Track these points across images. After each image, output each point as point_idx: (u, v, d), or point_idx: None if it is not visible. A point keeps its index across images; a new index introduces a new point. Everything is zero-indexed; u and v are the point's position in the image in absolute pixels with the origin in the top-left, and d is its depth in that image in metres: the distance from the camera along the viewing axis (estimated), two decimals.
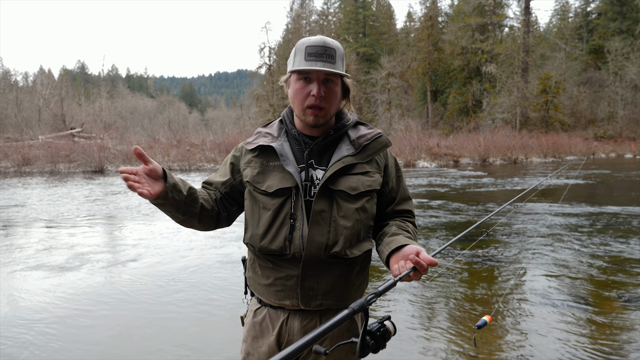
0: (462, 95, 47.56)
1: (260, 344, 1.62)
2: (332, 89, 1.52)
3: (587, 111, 44.66)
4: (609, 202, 10.69)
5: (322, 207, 1.50)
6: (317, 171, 1.56)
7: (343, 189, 1.52)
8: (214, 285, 5.00)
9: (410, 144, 26.49)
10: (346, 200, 1.52)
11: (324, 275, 1.52)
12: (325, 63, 1.48)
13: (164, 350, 3.48)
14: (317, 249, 1.48)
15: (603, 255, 6.08)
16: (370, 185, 1.56)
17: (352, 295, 1.59)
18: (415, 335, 3.71)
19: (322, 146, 1.59)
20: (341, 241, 1.50)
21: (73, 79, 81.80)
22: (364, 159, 1.57)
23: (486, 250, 6.38)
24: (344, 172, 1.54)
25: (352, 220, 1.52)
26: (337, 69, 1.50)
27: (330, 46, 1.49)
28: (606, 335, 3.67)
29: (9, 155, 22.81)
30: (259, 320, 1.62)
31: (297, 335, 1.56)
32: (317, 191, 1.51)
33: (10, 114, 41.17)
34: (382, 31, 56.39)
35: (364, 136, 1.60)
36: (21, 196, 12.41)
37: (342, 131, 1.61)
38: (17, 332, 3.80)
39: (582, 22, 54.11)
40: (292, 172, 1.51)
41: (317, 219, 1.50)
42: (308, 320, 1.56)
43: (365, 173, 1.56)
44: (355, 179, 1.54)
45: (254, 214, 1.58)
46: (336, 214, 1.51)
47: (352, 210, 1.52)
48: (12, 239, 7.30)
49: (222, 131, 34.33)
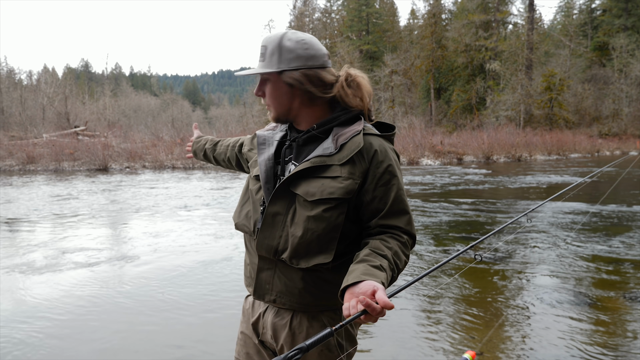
0: (466, 92, 47.40)
1: (243, 329, 1.66)
2: (269, 88, 1.49)
3: (592, 108, 44.44)
4: (615, 201, 10.65)
5: (277, 210, 1.42)
6: (293, 167, 1.48)
7: (300, 193, 1.39)
8: (219, 281, 5.01)
9: (413, 142, 26.43)
10: (302, 206, 1.38)
11: (281, 273, 1.46)
12: (260, 63, 1.48)
13: (168, 348, 3.48)
14: (267, 251, 1.45)
15: (605, 253, 6.05)
16: (333, 193, 1.35)
17: (319, 302, 1.46)
18: (418, 335, 3.71)
19: (303, 141, 1.49)
20: (289, 249, 1.39)
21: (77, 77, 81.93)
22: (340, 161, 1.39)
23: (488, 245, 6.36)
24: (312, 173, 1.40)
25: (302, 228, 1.37)
26: (265, 67, 1.45)
27: (264, 43, 1.46)
28: (611, 335, 3.65)
29: (13, 154, 22.88)
30: (246, 307, 1.66)
31: (269, 329, 1.54)
32: (275, 191, 1.43)
33: (14, 113, 41.30)
34: (385, 29, 56.26)
35: (344, 134, 1.42)
36: (25, 194, 12.46)
37: (329, 127, 1.47)
38: (19, 330, 3.81)
39: (586, 18, 53.82)
40: (259, 160, 1.53)
41: (269, 221, 1.43)
42: (279, 318, 1.51)
43: (335, 178, 1.37)
44: (318, 183, 1.37)
45: (244, 195, 1.63)
46: (290, 220, 1.40)
47: (304, 218, 1.37)
48: (16, 237, 7.33)
49: (225, 129, 34.32)
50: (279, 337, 1.51)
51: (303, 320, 1.48)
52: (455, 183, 14.72)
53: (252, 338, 1.61)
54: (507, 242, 6.65)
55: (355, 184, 1.37)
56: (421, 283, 4.90)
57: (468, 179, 15.90)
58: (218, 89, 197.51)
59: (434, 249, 6.39)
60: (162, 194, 12.31)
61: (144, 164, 21.91)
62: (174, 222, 8.44)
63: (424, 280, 4.96)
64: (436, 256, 6.02)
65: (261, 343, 1.60)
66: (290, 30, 1.49)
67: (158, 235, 7.29)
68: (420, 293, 4.65)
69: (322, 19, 57.09)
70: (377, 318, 1.13)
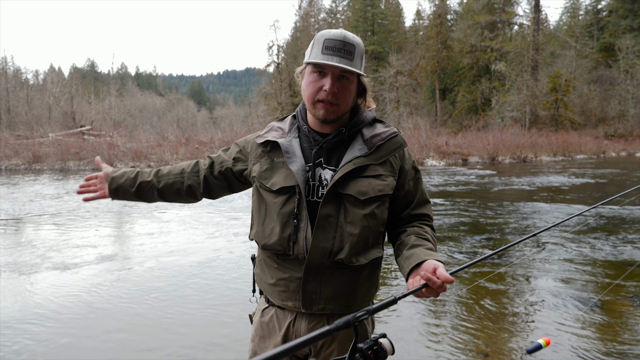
0: (471, 93, 47.24)
1: (267, 344, 1.58)
2: (346, 87, 1.46)
3: (598, 109, 44.17)
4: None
5: (329, 212, 1.44)
6: (326, 171, 1.49)
7: (352, 193, 1.44)
8: (222, 282, 5.01)
9: (418, 143, 26.37)
10: (355, 206, 1.45)
11: (328, 280, 1.47)
12: (342, 59, 1.41)
13: (171, 349, 3.49)
14: (321, 255, 1.43)
15: (609, 254, 6.02)
16: (382, 190, 1.47)
17: (358, 302, 1.53)
18: (423, 333, 3.70)
19: (332, 144, 1.51)
20: (347, 248, 1.44)
21: (83, 77, 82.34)
22: (377, 160, 1.48)
23: (492, 241, 6.34)
24: (355, 174, 1.46)
25: (359, 226, 1.44)
26: (354, 66, 1.44)
27: (350, 42, 1.43)
28: (618, 336, 3.63)
29: (19, 153, 23.00)
30: (266, 320, 1.59)
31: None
32: (325, 194, 1.44)
33: (20, 112, 41.51)
34: (390, 29, 56.14)
35: (379, 135, 1.51)
36: (31, 193, 12.53)
37: (356, 129, 1.53)
38: (22, 330, 3.83)
39: (592, 19, 53.53)
40: (294, 170, 1.45)
41: (323, 224, 1.44)
42: (315, 322, 1.52)
43: (378, 176, 1.48)
44: (366, 182, 1.46)
45: (260, 210, 1.55)
46: (343, 220, 1.44)
47: (360, 217, 1.44)
48: (20, 235, 7.36)
49: (230, 129, 34.40)
50: (317, 341, 1.53)
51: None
52: (462, 183, 14.68)
53: None
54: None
55: (395, 180, 1.52)
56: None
57: (478, 181, 15.86)
58: (223, 89, 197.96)
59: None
60: None
61: (149, 164, 21.98)
62: (177, 222, 8.47)
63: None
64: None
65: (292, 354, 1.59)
66: None
67: (162, 235, 7.31)
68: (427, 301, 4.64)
69: (327, 19, 57.06)
70: (438, 292, 1.24)
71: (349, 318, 0.98)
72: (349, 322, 0.97)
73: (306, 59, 1.49)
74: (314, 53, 1.45)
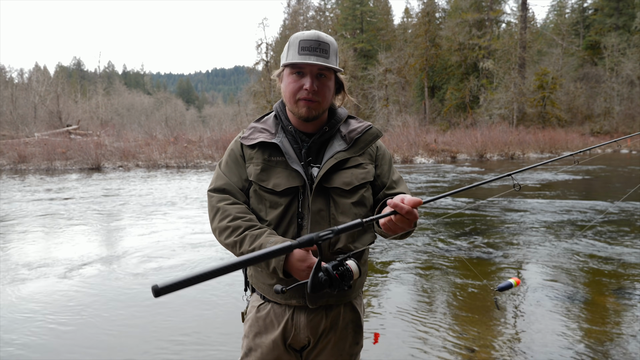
0: (460, 91, 47.54)
1: (263, 339, 1.60)
2: (325, 83, 1.52)
3: (584, 107, 44.70)
4: (607, 197, 10.73)
5: (319, 207, 1.52)
6: (314, 169, 1.56)
7: (337, 185, 1.54)
8: (213, 281, 4.98)
9: (407, 140, 26.49)
10: (342, 196, 1.54)
11: None
12: (319, 57, 1.47)
13: (163, 348, 3.47)
14: (323, 248, 1.49)
15: (600, 250, 6.10)
16: (364, 178, 1.58)
17: (354, 288, 1.62)
18: (411, 329, 3.72)
19: (318, 144, 1.59)
20: (343, 237, 1.52)
21: (69, 75, 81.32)
22: (357, 152, 1.60)
23: (483, 242, 6.40)
24: (337, 167, 1.55)
25: (350, 215, 1.54)
26: (330, 63, 1.49)
27: (324, 41, 1.49)
28: (603, 331, 3.68)
29: (4, 153, 22.68)
30: (262, 316, 1.61)
31: (303, 330, 1.56)
32: (313, 190, 1.52)
33: (5, 111, 40.91)
34: (379, 27, 56.25)
35: (355, 130, 1.62)
36: (17, 194, 12.37)
37: (336, 127, 1.63)
38: (15, 332, 3.78)
39: (578, 17, 54.10)
40: (299, 170, 1.51)
41: (317, 219, 1.52)
42: (314, 315, 1.56)
43: (359, 165, 1.59)
44: (349, 173, 1.56)
45: (260, 212, 1.56)
46: (334, 211, 1.53)
47: (348, 206, 1.54)
48: (8, 238, 7.27)
49: (219, 128, 34.21)
50: (317, 331, 1.57)
51: (338, 310, 1.60)
52: (450, 180, 14.78)
53: (280, 345, 1.58)
54: (502, 237, 6.69)
55: (374, 167, 1.64)
56: (416, 274, 4.90)
57: (466, 177, 15.96)
58: (212, 87, 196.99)
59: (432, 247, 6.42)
60: (156, 193, 12.26)
61: (137, 163, 21.80)
62: (169, 221, 8.42)
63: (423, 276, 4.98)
64: (430, 256, 6.05)
65: (289, 347, 1.60)
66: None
67: (151, 235, 7.27)
68: (415, 286, 4.67)
69: (316, 17, 57.01)
70: (410, 220, 1.25)
71: (312, 236, 0.96)
72: (312, 240, 0.95)
73: (283, 61, 1.53)
74: (290, 55, 1.50)
